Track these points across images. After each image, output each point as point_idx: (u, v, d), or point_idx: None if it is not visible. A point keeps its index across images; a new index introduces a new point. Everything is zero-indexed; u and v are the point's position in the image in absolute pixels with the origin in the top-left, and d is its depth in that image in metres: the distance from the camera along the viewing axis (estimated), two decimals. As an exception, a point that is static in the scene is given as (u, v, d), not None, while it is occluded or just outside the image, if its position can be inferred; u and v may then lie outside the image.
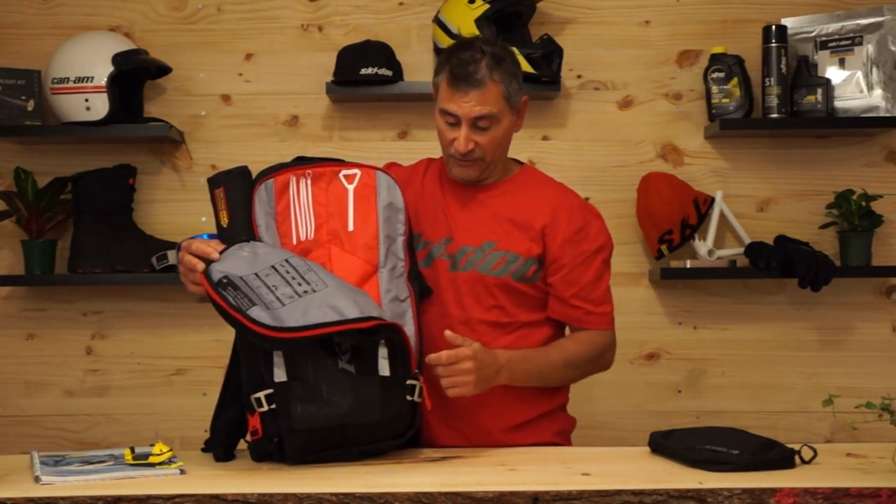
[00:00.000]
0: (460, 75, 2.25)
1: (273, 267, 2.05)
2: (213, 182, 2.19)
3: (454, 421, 2.30)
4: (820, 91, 3.28)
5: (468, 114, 2.25)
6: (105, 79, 3.17)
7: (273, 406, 1.98)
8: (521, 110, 2.36)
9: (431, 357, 2.11)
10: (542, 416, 2.36)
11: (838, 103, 3.32)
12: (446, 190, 2.39)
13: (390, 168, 2.46)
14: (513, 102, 2.30)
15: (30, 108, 3.27)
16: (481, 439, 2.28)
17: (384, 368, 2.02)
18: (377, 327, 2.01)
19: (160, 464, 1.92)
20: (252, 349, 2.02)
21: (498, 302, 2.31)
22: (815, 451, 1.95)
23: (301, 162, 2.26)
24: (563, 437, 2.41)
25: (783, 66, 3.27)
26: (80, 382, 3.39)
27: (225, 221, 2.15)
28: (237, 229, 2.13)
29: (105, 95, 3.18)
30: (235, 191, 2.16)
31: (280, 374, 1.98)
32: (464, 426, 2.30)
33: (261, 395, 1.99)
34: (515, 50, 2.83)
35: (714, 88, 3.32)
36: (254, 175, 2.21)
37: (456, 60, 2.27)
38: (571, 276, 2.33)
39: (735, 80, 3.30)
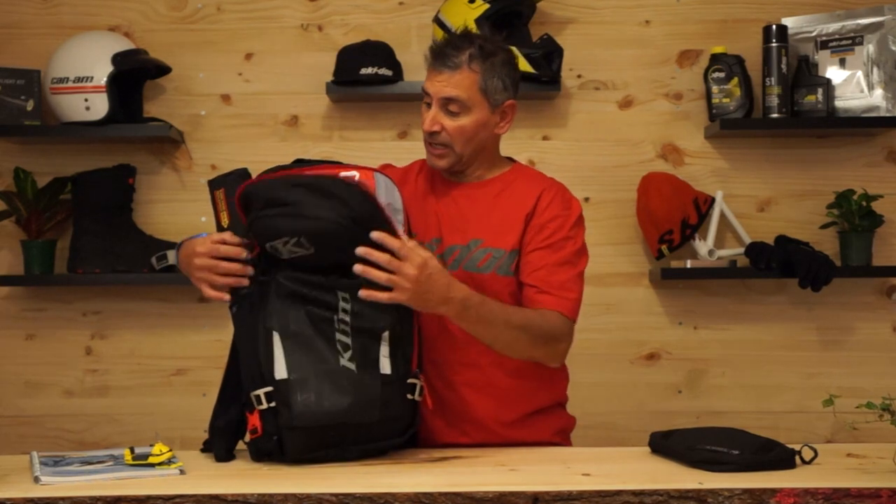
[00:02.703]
0: (437, 54, 2.30)
1: None
2: (214, 184, 2.20)
3: (452, 417, 2.29)
4: (820, 91, 3.28)
5: (438, 93, 2.28)
6: (105, 79, 3.17)
7: (273, 404, 1.98)
8: (506, 112, 2.34)
9: (380, 236, 2.01)
10: (541, 411, 2.35)
11: (839, 103, 3.32)
12: (437, 189, 2.40)
13: (385, 169, 2.46)
14: (492, 99, 2.30)
15: (29, 108, 3.27)
16: (480, 435, 2.28)
17: (385, 367, 2.02)
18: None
19: (160, 464, 1.92)
20: (251, 347, 2.02)
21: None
22: (815, 451, 1.95)
23: (300, 164, 2.26)
24: (563, 436, 2.41)
25: (783, 66, 3.27)
26: (80, 382, 3.39)
27: (225, 222, 2.16)
28: (237, 230, 2.14)
29: (105, 95, 3.17)
30: (236, 192, 2.16)
31: (281, 372, 1.98)
32: (462, 422, 2.29)
33: (260, 392, 1.99)
34: (516, 50, 2.84)
35: (714, 88, 3.32)
36: (253, 177, 2.22)
37: (441, 43, 2.33)
38: (532, 257, 2.29)
39: (735, 80, 3.30)
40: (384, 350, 2.03)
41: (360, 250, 2.01)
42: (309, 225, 2.03)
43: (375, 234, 2.03)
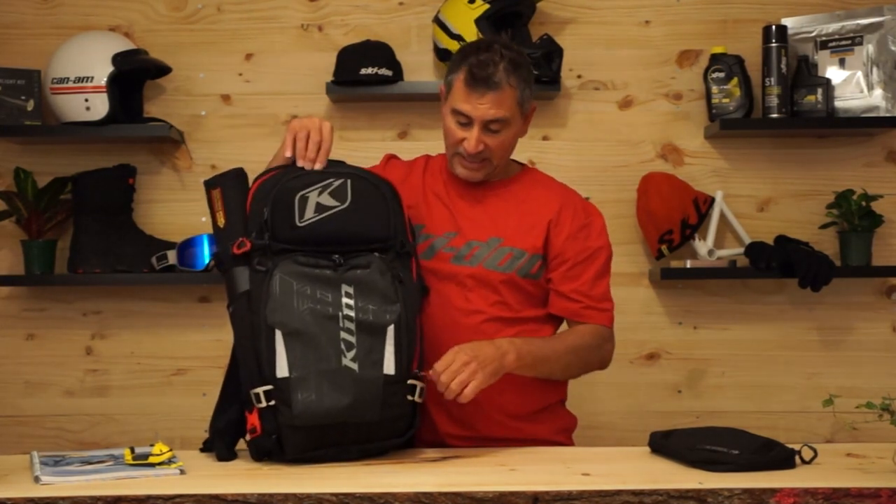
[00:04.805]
0: (479, 77, 2.24)
1: None
2: (210, 184, 2.20)
3: (456, 411, 2.29)
4: (820, 91, 3.28)
5: (483, 116, 2.26)
6: (105, 79, 3.17)
7: (272, 402, 1.98)
8: (528, 116, 2.37)
9: (431, 374, 2.09)
10: (545, 409, 2.37)
11: (838, 103, 3.32)
12: (450, 185, 2.40)
13: (390, 160, 2.48)
14: (524, 108, 2.33)
15: (30, 108, 3.27)
16: (484, 429, 2.28)
17: (390, 366, 2.03)
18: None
19: (160, 464, 1.92)
20: (250, 345, 2.02)
21: (502, 297, 2.32)
22: (815, 451, 1.95)
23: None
24: (566, 435, 2.42)
25: (783, 66, 3.27)
26: (80, 382, 3.39)
27: (221, 222, 2.16)
28: (234, 230, 2.14)
29: (105, 95, 3.17)
30: (232, 192, 2.16)
31: (282, 370, 1.98)
32: (465, 416, 2.28)
33: (259, 390, 1.99)
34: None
35: (714, 88, 3.32)
36: (250, 177, 2.22)
37: (475, 61, 2.26)
38: (573, 272, 2.34)
39: (735, 80, 3.30)
40: (389, 348, 2.03)
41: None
42: (356, 180, 2.14)
43: (429, 373, 2.09)
